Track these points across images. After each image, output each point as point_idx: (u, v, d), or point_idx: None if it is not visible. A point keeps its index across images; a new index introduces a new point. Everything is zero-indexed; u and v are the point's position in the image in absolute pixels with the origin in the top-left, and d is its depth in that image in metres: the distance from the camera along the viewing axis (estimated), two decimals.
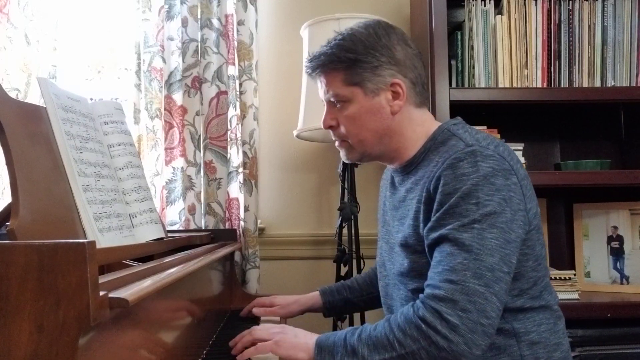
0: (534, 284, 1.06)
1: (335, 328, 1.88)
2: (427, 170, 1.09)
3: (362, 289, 1.48)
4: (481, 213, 0.96)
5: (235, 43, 1.98)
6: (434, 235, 1.01)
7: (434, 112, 1.68)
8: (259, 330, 1.12)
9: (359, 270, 1.85)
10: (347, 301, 1.48)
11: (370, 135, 1.14)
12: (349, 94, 1.12)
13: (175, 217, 1.95)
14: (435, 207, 1.02)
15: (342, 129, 1.16)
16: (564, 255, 2.01)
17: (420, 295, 0.98)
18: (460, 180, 0.99)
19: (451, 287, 0.94)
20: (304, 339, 1.07)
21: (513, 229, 0.98)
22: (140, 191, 1.20)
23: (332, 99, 1.15)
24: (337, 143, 1.21)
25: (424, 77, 1.18)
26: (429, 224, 1.02)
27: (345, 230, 1.88)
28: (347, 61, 1.11)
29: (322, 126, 1.20)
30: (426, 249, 1.04)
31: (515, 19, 1.80)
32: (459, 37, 1.83)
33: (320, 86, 1.18)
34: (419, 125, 1.16)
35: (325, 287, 1.51)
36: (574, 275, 1.72)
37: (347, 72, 1.12)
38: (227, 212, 1.97)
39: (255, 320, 1.57)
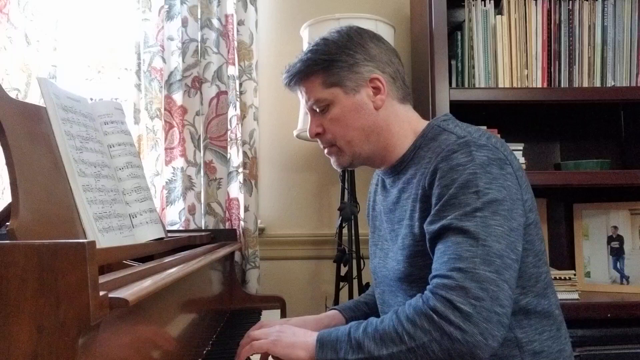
0: (536, 281, 1.04)
1: None
2: (418, 167, 1.07)
3: None
4: (482, 201, 0.93)
5: (235, 43, 1.98)
6: (435, 227, 0.97)
7: (434, 112, 1.69)
8: (256, 332, 1.06)
9: (359, 271, 1.85)
10: (368, 317, 1.32)
11: (357, 133, 1.12)
12: (329, 96, 1.11)
13: (175, 217, 1.95)
14: (434, 201, 0.99)
15: (329, 134, 1.14)
16: (564, 255, 2.01)
17: (428, 286, 0.93)
18: (456, 171, 0.97)
19: (461, 275, 0.88)
20: (303, 337, 1.01)
21: (514, 217, 0.96)
22: (140, 191, 1.20)
23: (314, 107, 1.13)
24: (326, 151, 1.18)
25: (403, 73, 1.16)
26: (429, 218, 0.99)
27: (345, 230, 1.88)
28: (322, 63, 1.10)
29: (309, 136, 1.17)
30: (427, 245, 1.00)
31: (515, 19, 1.80)
32: (459, 37, 1.83)
33: (301, 96, 1.16)
34: (406, 121, 1.14)
35: (341, 305, 1.37)
36: (574, 275, 1.72)
37: (324, 74, 1.11)
38: (227, 212, 1.97)
39: (259, 315, 1.58)
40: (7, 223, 0.80)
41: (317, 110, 1.14)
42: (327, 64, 1.10)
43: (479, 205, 0.93)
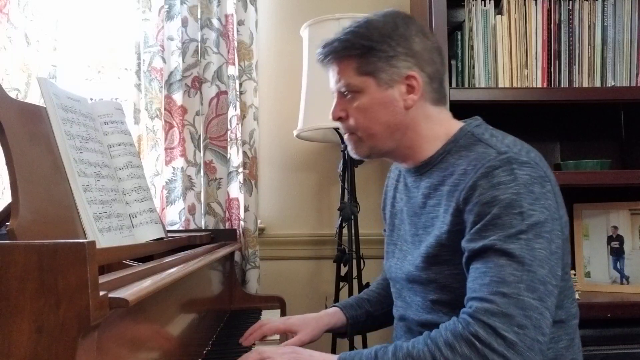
0: (558, 292, 1.00)
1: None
2: (447, 173, 1.03)
3: (382, 302, 1.33)
4: (527, 223, 0.91)
5: (235, 43, 1.98)
6: (475, 246, 0.93)
7: None
8: (268, 352, 0.99)
9: (359, 271, 1.85)
10: (369, 315, 1.32)
11: (381, 128, 1.07)
12: (361, 84, 1.06)
13: (175, 217, 1.95)
14: (472, 218, 0.95)
15: (352, 121, 1.09)
16: None
17: (466, 309, 0.91)
18: (497, 189, 0.93)
19: (504, 300, 0.86)
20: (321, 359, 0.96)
21: (554, 239, 0.93)
22: (140, 191, 1.20)
23: (343, 89, 1.08)
24: (345, 136, 1.13)
25: (443, 74, 1.11)
26: (468, 236, 0.96)
27: (345, 230, 1.88)
28: (361, 48, 1.04)
29: (330, 117, 1.12)
30: (463, 262, 0.97)
31: (515, 19, 1.80)
32: (459, 37, 1.83)
33: (331, 75, 1.11)
34: (437, 123, 1.09)
35: (342, 302, 1.33)
36: (574, 275, 1.72)
37: (360, 61, 1.05)
38: (227, 212, 1.97)
39: (259, 315, 1.57)
40: (7, 223, 0.80)
41: (345, 94, 1.09)
42: (365, 51, 1.04)
43: (523, 228, 0.90)
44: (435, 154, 1.08)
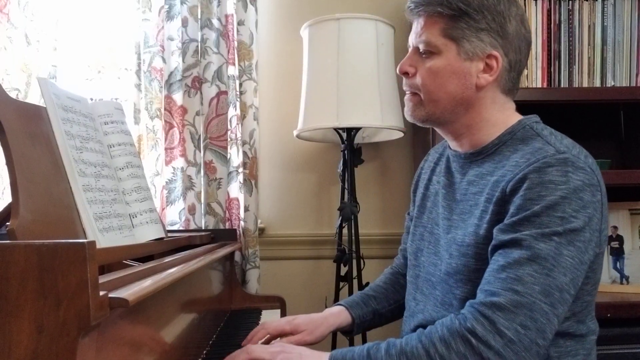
0: (584, 307, 1.00)
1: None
2: (499, 166, 1.01)
3: (389, 298, 1.31)
4: (564, 228, 0.89)
5: (235, 43, 1.98)
6: (505, 237, 0.91)
7: None
8: (257, 350, 0.97)
9: (359, 271, 1.85)
10: (375, 312, 1.29)
11: (445, 97, 1.04)
12: (441, 46, 1.03)
13: (175, 217, 1.95)
14: (512, 209, 0.93)
15: (418, 80, 1.06)
16: None
17: (471, 302, 0.90)
18: (546, 188, 0.91)
19: (514, 297, 0.85)
20: (312, 358, 0.94)
21: (588, 250, 0.91)
22: (140, 191, 1.21)
23: (421, 45, 1.05)
24: (407, 96, 1.10)
25: (524, 67, 1.08)
26: (501, 225, 0.94)
27: (345, 230, 1.88)
28: (456, 10, 1.01)
29: (397, 69, 1.10)
30: (489, 249, 0.95)
31: None
32: None
33: (414, 28, 1.07)
34: (500, 111, 1.07)
35: (348, 301, 1.29)
36: None
37: (450, 23, 1.02)
38: (227, 212, 1.97)
39: (259, 315, 1.57)
40: (7, 223, 0.80)
41: (421, 51, 1.06)
42: (459, 14, 1.01)
43: (559, 230, 0.89)
44: (489, 143, 1.06)
